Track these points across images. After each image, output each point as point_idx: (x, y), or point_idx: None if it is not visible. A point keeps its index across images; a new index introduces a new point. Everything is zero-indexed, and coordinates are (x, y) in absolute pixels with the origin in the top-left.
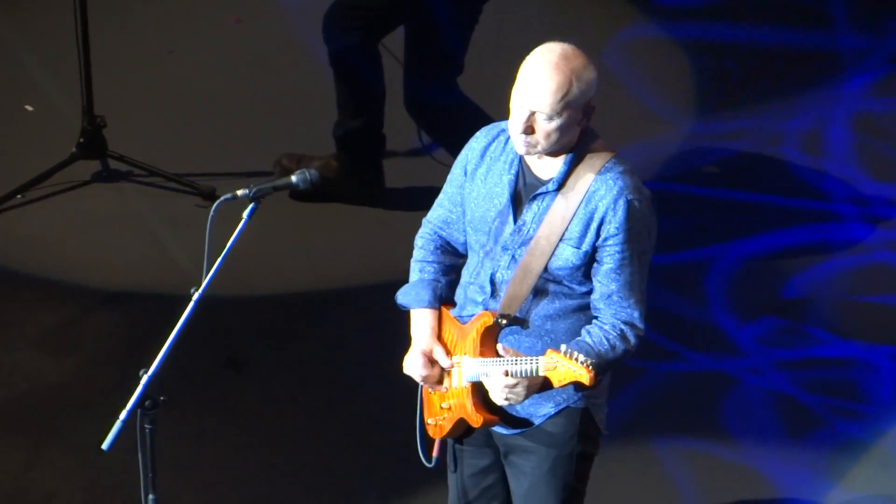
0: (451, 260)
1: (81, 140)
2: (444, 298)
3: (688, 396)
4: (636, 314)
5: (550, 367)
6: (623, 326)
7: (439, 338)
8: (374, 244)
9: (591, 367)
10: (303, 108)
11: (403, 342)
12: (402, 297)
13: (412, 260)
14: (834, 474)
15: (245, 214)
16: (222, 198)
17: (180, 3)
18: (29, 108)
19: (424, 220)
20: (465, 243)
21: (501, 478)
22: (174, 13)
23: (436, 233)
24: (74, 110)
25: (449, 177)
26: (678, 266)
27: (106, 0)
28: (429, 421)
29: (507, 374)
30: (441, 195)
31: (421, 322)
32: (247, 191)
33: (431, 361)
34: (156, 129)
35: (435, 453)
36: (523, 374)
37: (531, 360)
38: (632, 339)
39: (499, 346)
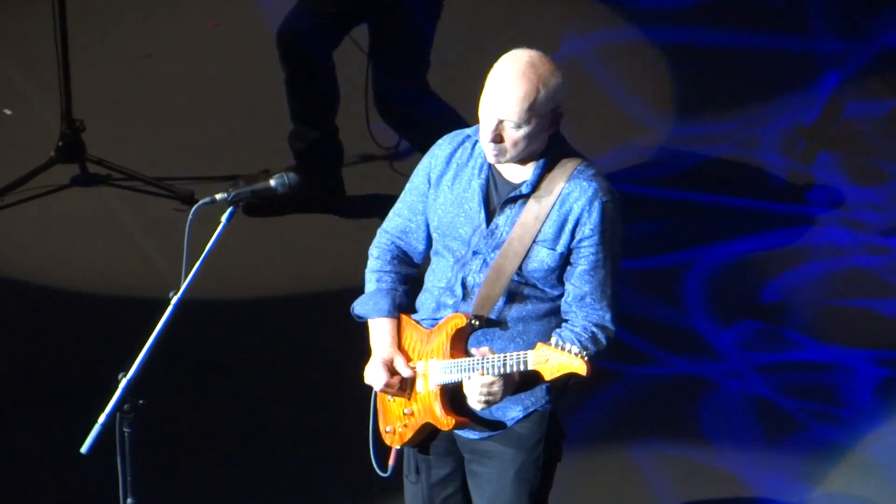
0: (407, 270)
1: (60, 144)
2: (402, 307)
3: (666, 400)
4: (608, 316)
5: (542, 360)
6: (594, 329)
7: (399, 346)
8: (351, 248)
9: (585, 357)
10: (280, 113)
11: None
12: (360, 307)
13: (367, 270)
14: (812, 478)
15: (223, 218)
16: (201, 202)
17: (158, 8)
18: (7, 111)
19: (380, 231)
20: (422, 252)
21: (462, 487)
22: (152, 17)
23: (393, 243)
24: (53, 114)
25: (408, 186)
26: (656, 270)
27: (84, 4)
28: (386, 429)
29: (482, 374)
30: (398, 204)
31: (380, 331)
32: (225, 195)
33: (392, 370)
34: (134, 132)
35: (391, 462)
36: (509, 371)
37: (518, 355)
38: (603, 341)
39: (472, 350)
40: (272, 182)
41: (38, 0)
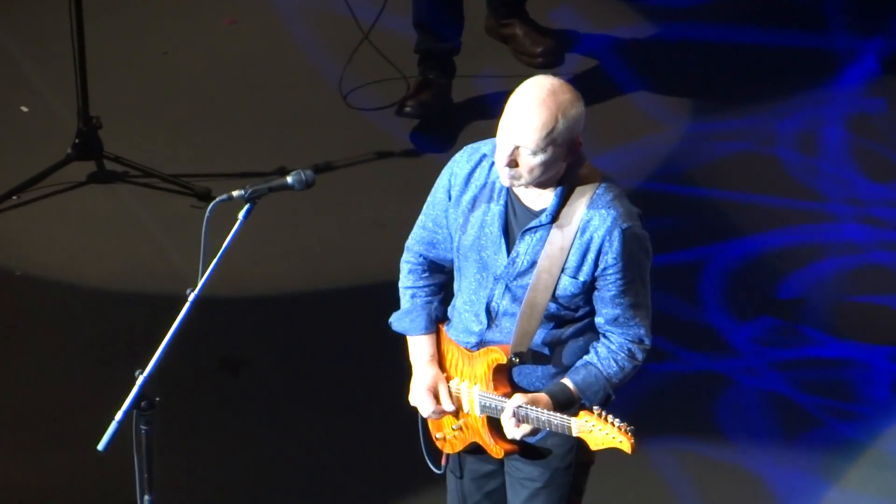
0: (441, 278)
1: (77, 141)
2: (439, 319)
3: (683, 397)
4: (642, 331)
5: (586, 430)
6: (631, 345)
7: (441, 359)
8: (371, 244)
9: (629, 433)
10: (297, 109)
11: (400, 342)
12: (398, 323)
13: (400, 285)
14: (830, 475)
15: (241, 215)
16: (218, 199)
17: (175, 4)
18: (24, 108)
19: (407, 246)
20: (452, 260)
21: (503, 484)
22: (169, 14)
23: (421, 255)
24: (70, 111)
25: (430, 200)
26: (673, 266)
27: (101, 1)
28: (437, 435)
29: (520, 422)
30: (422, 218)
31: (420, 349)
32: (242, 192)
33: (437, 397)
34: (151, 129)
35: (444, 462)
36: (552, 430)
37: (562, 418)
38: (639, 356)
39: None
40: (289, 179)
41: None
